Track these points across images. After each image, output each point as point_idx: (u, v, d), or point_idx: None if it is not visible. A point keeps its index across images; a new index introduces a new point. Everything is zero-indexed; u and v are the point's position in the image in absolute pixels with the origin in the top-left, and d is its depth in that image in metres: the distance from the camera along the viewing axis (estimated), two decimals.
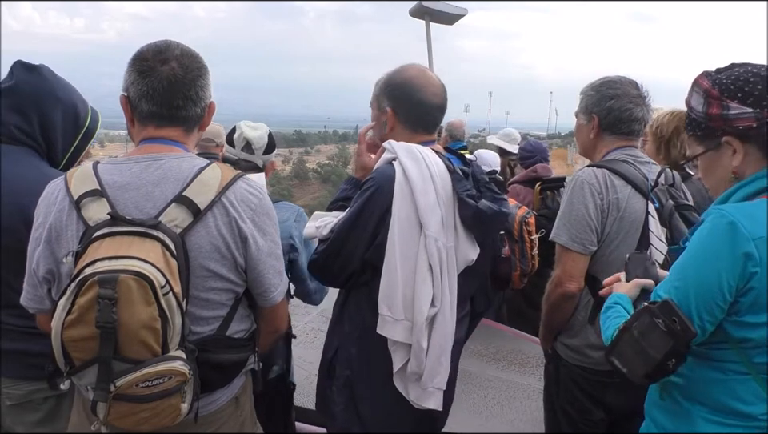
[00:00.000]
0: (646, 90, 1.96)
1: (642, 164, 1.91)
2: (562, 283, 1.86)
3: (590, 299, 1.90)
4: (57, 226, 1.28)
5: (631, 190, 1.83)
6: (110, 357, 1.13)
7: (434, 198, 1.59)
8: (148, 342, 1.14)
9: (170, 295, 1.16)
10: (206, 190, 1.27)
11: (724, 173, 1.27)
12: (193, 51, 1.39)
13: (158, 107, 1.34)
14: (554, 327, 2.01)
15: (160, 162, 1.31)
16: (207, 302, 1.32)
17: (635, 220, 1.82)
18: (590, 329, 1.89)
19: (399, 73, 1.77)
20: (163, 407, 1.19)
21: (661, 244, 1.79)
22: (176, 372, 1.17)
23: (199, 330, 1.32)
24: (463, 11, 7.50)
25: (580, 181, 1.85)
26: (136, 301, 1.11)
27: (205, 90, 1.38)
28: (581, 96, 2.02)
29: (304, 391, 3.52)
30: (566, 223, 1.84)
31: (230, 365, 1.39)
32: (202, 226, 1.27)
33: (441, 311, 1.61)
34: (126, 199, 1.26)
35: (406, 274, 1.58)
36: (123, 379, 1.14)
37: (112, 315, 1.10)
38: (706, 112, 1.24)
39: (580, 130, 2.05)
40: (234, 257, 1.32)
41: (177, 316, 1.18)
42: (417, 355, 1.59)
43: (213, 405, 1.40)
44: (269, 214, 1.38)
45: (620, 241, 1.83)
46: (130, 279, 1.11)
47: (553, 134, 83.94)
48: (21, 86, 1.68)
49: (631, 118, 1.92)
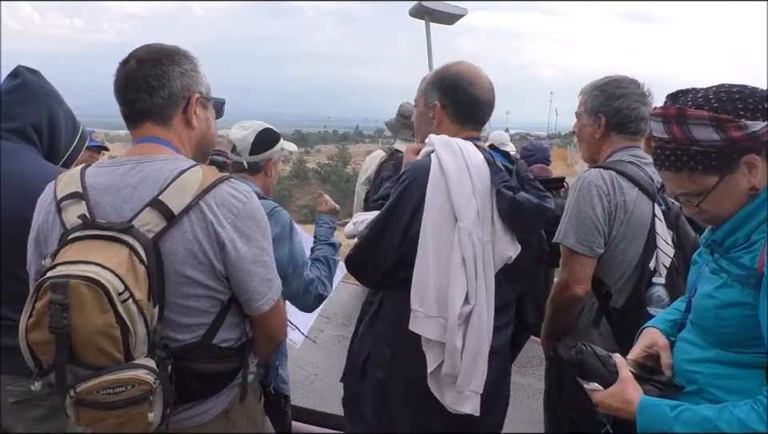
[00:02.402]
0: (648, 90, 1.95)
1: (648, 165, 1.89)
2: (569, 287, 1.84)
3: (594, 302, 1.88)
4: (44, 228, 1.30)
5: (638, 192, 1.81)
6: (63, 363, 1.12)
7: (470, 190, 1.54)
8: (106, 349, 1.12)
9: (130, 301, 1.13)
10: (183, 194, 1.24)
11: (741, 194, 1.20)
12: (161, 47, 1.38)
13: (121, 105, 1.36)
14: (557, 330, 1.99)
15: (143, 164, 1.29)
16: (187, 309, 1.29)
17: (642, 223, 1.80)
18: (594, 332, 1.88)
19: (449, 68, 1.77)
20: (131, 415, 1.16)
21: (667, 247, 1.78)
22: (138, 381, 1.14)
23: (180, 337, 1.29)
24: (463, 11, 7.49)
25: (587, 183, 1.83)
26: (89, 307, 1.10)
27: (165, 80, 1.33)
28: (583, 96, 2.00)
29: (304, 391, 3.52)
30: (573, 225, 1.82)
31: (214, 375, 1.35)
32: (177, 230, 1.23)
33: (476, 309, 1.54)
34: (105, 202, 1.25)
35: (439, 268, 1.53)
36: (83, 386, 1.13)
37: (63, 320, 1.09)
38: (727, 138, 1.14)
39: (584, 131, 2.02)
40: (212, 263, 1.27)
41: (139, 324, 1.15)
42: (451, 356, 1.53)
43: (200, 417, 1.37)
44: (254, 219, 1.33)
45: (627, 244, 1.81)
46: (81, 284, 1.09)
47: (553, 134, 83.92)
48: (29, 85, 1.75)
49: (639, 117, 1.91)
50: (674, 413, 1.17)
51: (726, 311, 1.20)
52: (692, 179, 1.20)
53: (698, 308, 1.29)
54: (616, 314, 1.84)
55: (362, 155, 15.27)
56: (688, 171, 1.19)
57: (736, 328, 1.18)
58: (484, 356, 1.57)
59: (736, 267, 1.19)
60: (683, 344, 1.34)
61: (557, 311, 1.93)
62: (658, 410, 1.19)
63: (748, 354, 1.18)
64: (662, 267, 1.77)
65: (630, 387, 1.25)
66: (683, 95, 1.23)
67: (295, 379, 2.45)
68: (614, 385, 1.27)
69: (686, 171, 1.20)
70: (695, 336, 1.30)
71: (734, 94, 1.16)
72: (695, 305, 1.30)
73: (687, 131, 1.16)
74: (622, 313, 1.82)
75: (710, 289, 1.25)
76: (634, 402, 1.22)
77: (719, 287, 1.22)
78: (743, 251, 1.19)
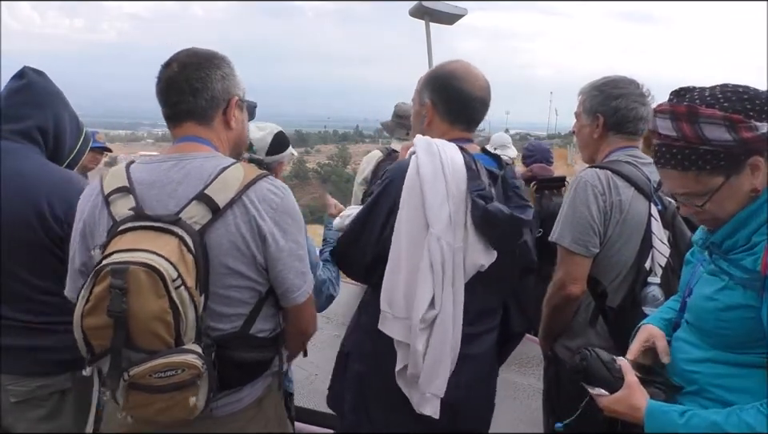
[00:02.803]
0: (647, 89, 1.95)
1: (645, 165, 1.90)
2: (564, 286, 1.84)
3: (591, 301, 1.89)
4: (90, 221, 1.35)
5: (634, 191, 1.82)
6: (120, 346, 1.17)
7: (444, 194, 1.52)
8: (159, 333, 1.18)
9: (182, 288, 1.19)
10: (226, 189, 1.31)
11: (743, 196, 1.19)
12: (201, 51, 1.44)
13: (164, 107, 1.42)
14: (554, 330, 2.00)
15: (185, 161, 1.36)
16: (228, 299, 1.34)
17: (638, 222, 1.80)
18: (590, 331, 1.88)
19: (443, 66, 1.75)
20: (178, 400, 1.22)
21: (663, 247, 1.78)
22: (188, 365, 1.20)
23: (221, 326, 1.34)
24: (463, 11, 7.49)
25: (583, 182, 1.83)
26: (146, 292, 1.15)
27: (207, 82, 1.40)
28: (581, 96, 2.00)
29: (304, 391, 3.52)
30: (568, 224, 1.82)
31: (252, 364, 1.41)
32: (222, 223, 1.30)
33: (441, 315, 1.54)
34: (151, 196, 1.31)
35: (409, 270, 1.53)
36: (137, 369, 1.18)
37: (122, 304, 1.14)
38: (739, 138, 1.13)
39: (582, 131, 2.02)
40: (254, 255, 1.34)
41: (190, 310, 1.21)
42: (413, 357, 1.54)
43: (236, 405, 1.42)
44: (291, 215, 1.39)
45: (623, 243, 1.82)
46: (140, 270, 1.15)
47: (553, 134, 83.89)
48: (35, 86, 1.76)
49: (637, 117, 1.91)
50: (682, 419, 1.16)
51: (727, 313, 1.19)
52: (698, 179, 1.18)
53: (697, 310, 1.28)
54: (612, 313, 1.84)
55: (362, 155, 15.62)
56: (695, 171, 1.17)
57: (738, 331, 1.18)
58: (446, 362, 1.56)
59: (738, 270, 1.18)
60: (681, 344, 1.33)
61: (553, 310, 1.93)
62: (666, 416, 1.19)
63: (749, 354, 1.18)
64: (657, 266, 1.78)
65: (636, 392, 1.25)
66: (688, 93, 1.21)
67: (295, 379, 2.46)
68: (620, 391, 1.26)
69: (693, 171, 1.18)
70: (693, 337, 1.30)
71: (742, 94, 1.16)
72: (693, 307, 1.30)
73: (698, 130, 1.14)
74: (618, 312, 1.82)
75: (710, 291, 1.24)
76: (642, 408, 1.22)
77: (720, 290, 1.22)
78: (744, 253, 1.19)
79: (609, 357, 1.30)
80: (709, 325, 1.24)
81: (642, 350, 1.38)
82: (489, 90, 1.74)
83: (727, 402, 1.18)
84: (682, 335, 1.34)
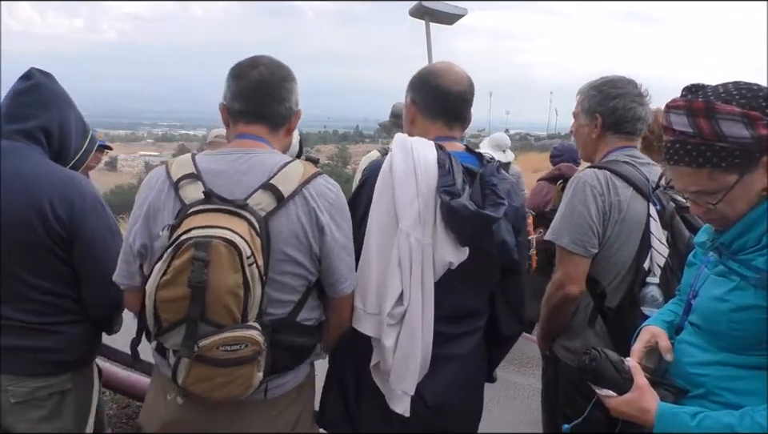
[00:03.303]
0: (645, 90, 1.96)
1: (643, 165, 1.91)
2: (563, 286, 1.85)
3: (589, 302, 1.89)
4: (155, 205, 1.41)
5: (632, 191, 1.82)
6: (196, 317, 1.23)
7: (414, 191, 1.53)
8: (230, 307, 1.24)
9: (254, 266, 1.26)
10: (289, 181, 1.40)
11: (754, 195, 1.17)
12: (281, 62, 1.55)
13: (246, 105, 1.51)
14: (553, 330, 2.00)
15: (249, 155, 1.45)
16: (282, 285, 1.41)
17: (636, 222, 1.80)
18: (589, 331, 1.89)
19: (425, 67, 1.79)
20: (238, 375, 1.29)
21: (662, 247, 1.78)
22: (252, 340, 1.27)
23: (273, 311, 1.40)
24: (463, 11, 7.49)
25: (581, 183, 1.84)
26: (225, 265, 1.22)
27: (290, 94, 1.54)
28: (580, 96, 2.01)
29: None
30: (567, 225, 1.83)
31: (299, 347, 1.49)
32: (284, 212, 1.38)
33: (409, 310, 1.53)
34: (218, 184, 1.38)
35: (380, 267, 1.54)
36: (206, 341, 1.24)
37: (203, 275, 1.20)
38: (756, 135, 1.11)
39: (581, 131, 2.03)
40: (311, 245, 1.41)
41: (258, 287, 1.28)
42: (382, 353, 1.55)
43: (279, 389, 1.49)
44: (344, 211, 1.49)
45: (621, 243, 1.82)
46: (221, 244, 1.22)
47: (553, 135, 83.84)
48: (42, 87, 1.76)
49: (635, 117, 1.91)
50: (694, 421, 1.15)
51: (739, 314, 1.18)
52: (712, 176, 1.16)
53: (707, 312, 1.26)
54: (611, 313, 1.84)
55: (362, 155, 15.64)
56: (709, 168, 1.15)
57: (750, 331, 1.17)
58: (415, 358, 1.54)
59: (749, 270, 1.17)
60: (686, 347, 1.32)
61: (551, 310, 1.93)
62: (677, 419, 1.18)
63: (758, 356, 1.17)
64: (656, 266, 1.78)
65: (646, 395, 1.24)
66: (701, 90, 1.20)
67: None
68: (629, 392, 1.25)
69: (707, 168, 1.15)
70: (699, 339, 1.28)
71: (757, 91, 1.14)
72: (702, 309, 1.28)
73: (716, 126, 1.12)
74: (617, 313, 1.83)
75: (720, 292, 1.22)
76: (652, 410, 1.21)
77: (731, 291, 1.20)
78: (755, 253, 1.18)
79: (618, 358, 1.29)
80: (720, 327, 1.22)
81: (646, 351, 1.37)
82: (469, 85, 1.73)
83: (734, 405, 1.17)
84: (687, 338, 1.32)
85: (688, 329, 1.34)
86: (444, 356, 1.63)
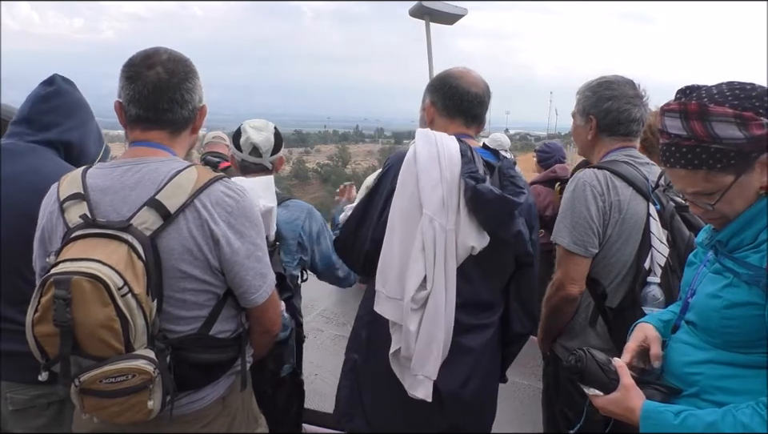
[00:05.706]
0: (643, 90, 1.94)
1: (642, 165, 1.90)
2: (563, 286, 1.85)
3: (590, 302, 1.89)
4: (48, 227, 1.36)
5: (632, 191, 1.82)
6: (68, 354, 1.19)
7: (438, 177, 1.56)
8: (108, 340, 1.19)
9: (129, 296, 1.19)
10: (179, 193, 1.30)
11: (751, 194, 1.18)
12: (181, 56, 1.42)
13: (144, 111, 1.38)
14: (553, 330, 2.00)
15: (140, 165, 1.35)
16: (184, 302, 1.34)
17: (636, 222, 1.81)
18: (590, 331, 1.89)
19: (442, 72, 1.84)
20: (132, 403, 1.24)
21: (662, 246, 1.78)
22: (138, 370, 1.21)
23: (179, 329, 1.35)
24: (463, 11, 7.49)
25: (581, 183, 1.83)
26: (90, 302, 1.16)
27: (192, 94, 1.41)
28: (577, 97, 2.01)
29: (305, 391, 3.52)
30: (567, 225, 1.83)
31: (212, 364, 1.42)
32: (174, 228, 1.30)
33: (432, 295, 1.55)
34: (105, 202, 1.31)
35: (403, 251, 1.57)
36: (86, 375, 1.20)
37: (66, 314, 1.15)
38: (750, 136, 1.11)
39: (578, 132, 2.04)
40: (207, 258, 1.33)
41: (138, 317, 1.22)
42: (405, 338, 1.56)
43: (197, 404, 1.42)
44: (248, 216, 1.39)
45: (621, 243, 1.82)
46: (84, 280, 1.15)
47: (553, 135, 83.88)
48: (65, 95, 1.78)
49: (629, 119, 1.91)
50: (677, 420, 1.15)
51: (732, 311, 1.18)
52: (708, 178, 1.17)
53: (701, 309, 1.27)
54: (612, 313, 1.84)
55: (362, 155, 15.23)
56: (705, 169, 1.16)
57: (742, 328, 1.17)
58: (438, 342, 1.57)
59: (743, 267, 1.18)
60: (680, 346, 1.32)
61: (552, 310, 1.94)
62: (661, 417, 1.18)
63: (752, 354, 1.18)
64: (656, 266, 1.78)
65: (631, 393, 1.24)
66: (695, 92, 1.20)
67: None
68: (615, 392, 1.26)
69: (703, 169, 1.16)
70: (694, 338, 1.29)
71: (750, 91, 1.15)
72: (697, 306, 1.29)
73: (709, 128, 1.13)
74: (618, 313, 1.83)
75: (714, 289, 1.23)
76: (637, 409, 1.22)
77: (725, 287, 1.21)
78: (750, 251, 1.18)
79: (604, 358, 1.30)
80: (713, 323, 1.22)
81: (639, 350, 1.38)
82: (486, 89, 1.81)
83: (725, 404, 1.17)
84: (682, 336, 1.33)
85: (684, 328, 1.34)
86: (459, 346, 1.65)
